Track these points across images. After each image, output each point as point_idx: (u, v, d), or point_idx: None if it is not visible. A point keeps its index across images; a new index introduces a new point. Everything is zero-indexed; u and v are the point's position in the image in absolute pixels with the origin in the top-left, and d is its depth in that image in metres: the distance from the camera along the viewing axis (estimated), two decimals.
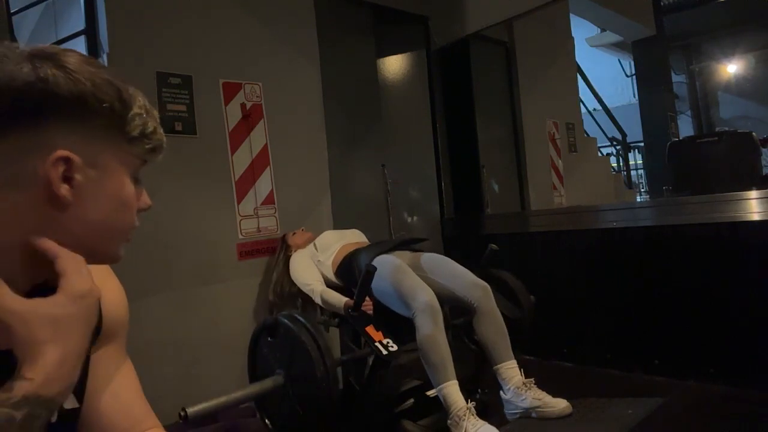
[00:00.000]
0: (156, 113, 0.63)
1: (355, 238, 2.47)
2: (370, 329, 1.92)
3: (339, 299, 2.10)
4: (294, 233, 2.53)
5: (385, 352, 1.85)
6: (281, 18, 2.72)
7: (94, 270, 0.66)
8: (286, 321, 1.83)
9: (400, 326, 2.01)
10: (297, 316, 1.83)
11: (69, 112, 0.55)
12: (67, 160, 0.54)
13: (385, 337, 1.90)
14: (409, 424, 2.02)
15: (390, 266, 2.10)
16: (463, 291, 2.13)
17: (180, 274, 2.25)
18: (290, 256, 2.43)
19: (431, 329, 1.92)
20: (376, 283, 2.06)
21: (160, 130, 0.63)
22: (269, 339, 1.90)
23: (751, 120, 8.26)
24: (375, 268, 1.95)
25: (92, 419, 0.69)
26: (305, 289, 2.24)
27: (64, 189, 0.55)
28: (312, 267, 2.32)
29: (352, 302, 2.00)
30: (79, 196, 0.56)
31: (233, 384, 2.16)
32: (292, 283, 2.34)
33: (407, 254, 2.31)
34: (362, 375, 2.01)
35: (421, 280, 2.08)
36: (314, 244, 2.41)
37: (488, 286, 2.15)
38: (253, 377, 1.94)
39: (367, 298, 2.02)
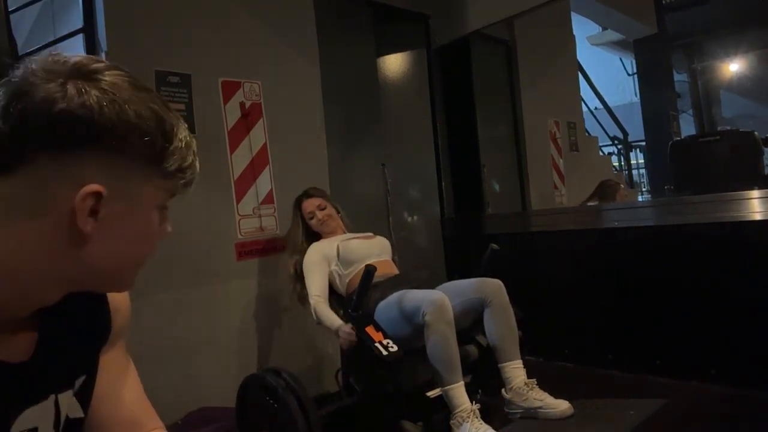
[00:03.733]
0: (194, 144, 0.59)
1: (378, 251, 2.34)
2: (370, 330, 1.91)
3: (332, 322, 2.07)
4: (327, 214, 2.38)
5: (385, 353, 1.84)
6: (281, 16, 2.70)
7: None
8: (270, 378, 1.86)
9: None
10: (282, 373, 1.86)
11: (107, 143, 0.51)
12: (97, 195, 0.51)
13: (385, 338, 1.89)
14: (409, 424, 2.01)
15: (392, 298, 2.08)
16: (479, 290, 2.09)
17: (178, 274, 2.24)
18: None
19: (441, 327, 1.90)
20: (383, 315, 2.05)
21: (197, 163, 0.59)
22: (256, 392, 1.92)
23: (753, 119, 8.24)
24: (374, 268, 1.95)
25: (96, 423, 0.69)
26: (309, 292, 2.22)
27: (89, 225, 0.51)
28: (323, 276, 2.24)
29: (345, 326, 1.99)
30: (101, 230, 0.52)
31: (230, 385, 2.16)
32: None
33: None
34: (362, 377, 2.01)
35: (426, 290, 2.07)
36: (337, 247, 2.28)
37: (502, 283, 2.12)
38: (242, 427, 1.96)
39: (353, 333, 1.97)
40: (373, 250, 2.33)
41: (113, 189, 0.52)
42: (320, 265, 2.25)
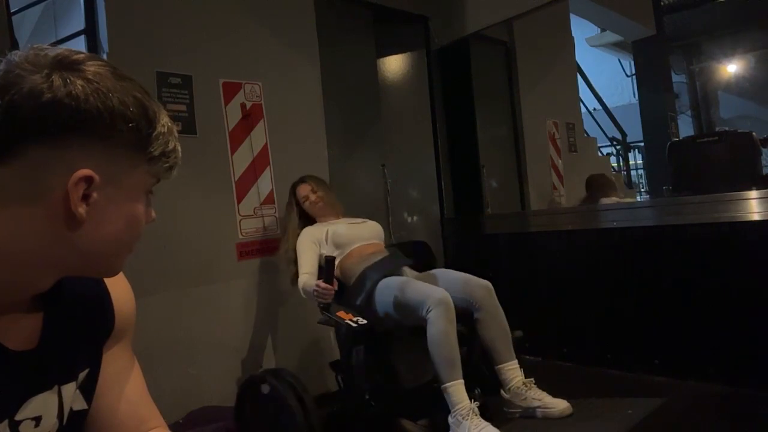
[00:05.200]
0: (175, 130, 0.62)
1: (368, 235, 2.38)
2: (341, 313, 2.03)
3: (309, 287, 2.11)
4: (320, 196, 2.41)
5: (355, 326, 1.94)
6: (281, 17, 2.72)
7: None
8: (271, 379, 1.89)
9: None
10: (283, 375, 1.89)
11: (94, 131, 0.53)
12: (88, 180, 0.53)
13: (354, 317, 1.98)
14: (409, 424, 2.03)
15: (395, 282, 2.12)
16: (466, 292, 2.13)
17: (179, 274, 2.25)
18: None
19: (444, 325, 1.93)
20: (382, 299, 2.11)
21: (179, 147, 0.62)
22: (256, 394, 1.94)
23: (751, 120, 8.25)
24: (334, 258, 2.06)
25: (99, 418, 0.70)
26: (299, 271, 2.26)
27: (81, 208, 0.54)
28: (314, 257, 2.29)
29: (318, 281, 2.05)
30: (94, 214, 0.55)
31: (231, 385, 2.17)
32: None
33: (414, 273, 2.31)
34: (345, 370, 2.08)
35: (430, 284, 2.10)
36: (327, 232, 2.34)
37: (491, 285, 2.15)
38: (242, 428, 1.98)
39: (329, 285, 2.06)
40: (363, 233, 2.38)
41: (103, 174, 0.54)
42: (311, 247, 2.30)
